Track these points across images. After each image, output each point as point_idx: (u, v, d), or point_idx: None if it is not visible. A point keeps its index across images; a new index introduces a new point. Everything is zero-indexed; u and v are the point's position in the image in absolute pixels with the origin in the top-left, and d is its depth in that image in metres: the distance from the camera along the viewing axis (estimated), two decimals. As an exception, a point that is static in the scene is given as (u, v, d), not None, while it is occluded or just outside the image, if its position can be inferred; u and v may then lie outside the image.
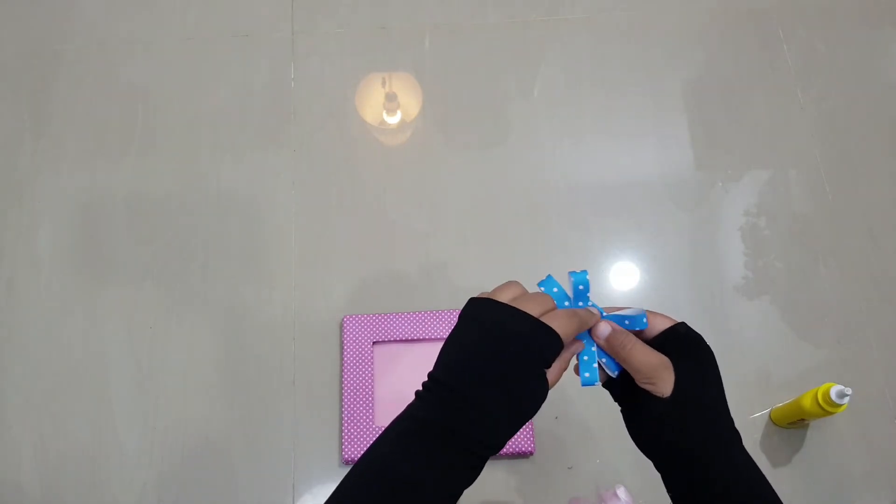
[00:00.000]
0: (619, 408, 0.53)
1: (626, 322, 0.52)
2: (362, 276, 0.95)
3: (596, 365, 0.52)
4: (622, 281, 0.95)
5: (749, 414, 0.87)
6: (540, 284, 0.52)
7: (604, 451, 0.85)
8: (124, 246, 0.97)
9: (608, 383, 0.54)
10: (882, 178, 1.00)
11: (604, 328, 0.51)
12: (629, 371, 0.50)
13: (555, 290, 0.52)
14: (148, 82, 1.07)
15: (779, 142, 1.02)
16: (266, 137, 1.03)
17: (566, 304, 0.52)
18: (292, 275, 0.95)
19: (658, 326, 0.52)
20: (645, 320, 0.52)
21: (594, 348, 0.52)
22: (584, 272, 0.52)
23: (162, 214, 0.98)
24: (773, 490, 0.48)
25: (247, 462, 0.86)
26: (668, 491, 0.51)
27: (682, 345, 0.51)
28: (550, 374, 0.48)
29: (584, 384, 0.52)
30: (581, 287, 0.52)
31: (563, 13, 1.10)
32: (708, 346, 0.51)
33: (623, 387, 0.52)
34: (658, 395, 0.48)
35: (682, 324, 0.52)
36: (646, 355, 0.49)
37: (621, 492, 0.77)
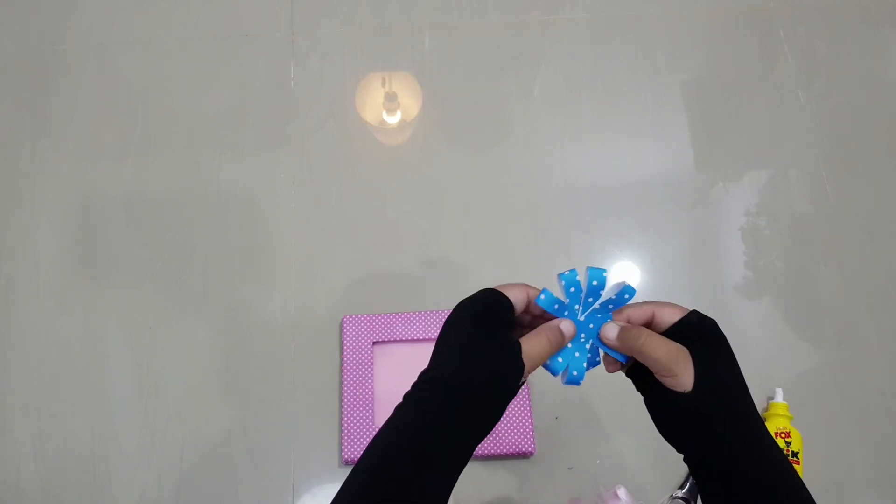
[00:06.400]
0: (642, 397, 0.52)
1: (611, 307, 0.51)
2: (362, 276, 0.95)
3: (585, 364, 0.51)
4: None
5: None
6: (564, 275, 0.51)
7: (604, 451, 0.85)
8: (124, 246, 0.97)
9: (630, 372, 0.53)
10: (883, 177, 1.00)
11: (611, 329, 0.49)
12: (647, 365, 0.48)
13: (572, 289, 0.51)
14: (147, 82, 1.07)
15: (779, 141, 1.02)
16: (266, 137, 1.03)
17: (577, 306, 0.51)
18: (292, 274, 0.95)
19: (668, 318, 0.50)
20: (627, 297, 0.51)
21: (577, 354, 0.51)
22: (573, 271, 0.51)
23: (161, 214, 0.98)
24: (801, 478, 0.47)
25: (246, 462, 0.86)
26: (697, 481, 0.49)
27: (696, 333, 0.49)
28: (535, 357, 0.49)
29: (552, 370, 0.51)
30: (573, 290, 0.51)
31: (564, 13, 1.10)
32: (721, 332, 0.50)
33: (645, 376, 0.50)
34: (679, 389, 0.47)
35: (694, 312, 0.50)
36: (661, 347, 0.47)
37: (621, 492, 0.77)
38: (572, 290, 0.51)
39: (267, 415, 0.88)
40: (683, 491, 0.81)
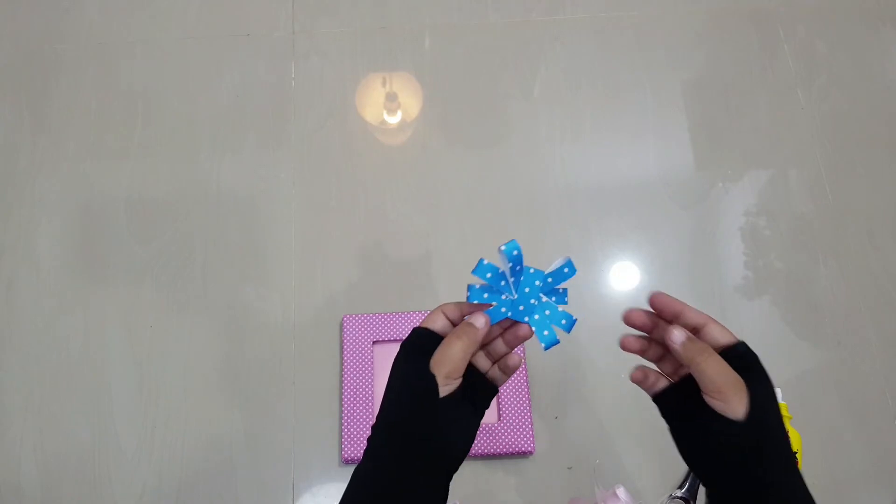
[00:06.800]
0: (668, 425, 0.50)
1: (517, 268, 0.51)
2: (362, 276, 0.95)
3: (560, 308, 0.51)
4: (622, 281, 0.95)
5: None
6: (473, 273, 0.52)
7: (604, 451, 0.85)
8: (124, 245, 0.97)
9: (659, 397, 0.51)
10: (882, 178, 1.00)
11: (678, 335, 0.48)
12: (700, 384, 0.47)
13: (488, 275, 0.51)
14: (148, 82, 1.07)
15: (779, 142, 1.02)
16: (266, 137, 1.03)
17: (502, 283, 0.51)
18: (292, 274, 0.95)
19: (718, 337, 0.49)
20: (566, 270, 0.51)
21: (547, 312, 0.51)
22: (513, 241, 0.51)
23: (162, 214, 0.98)
24: None
25: (247, 462, 0.86)
26: None
27: (748, 366, 0.47)
28: (444, 361, 0.48)
29: (546, 346, 0.51)
30: (515, 252, 0.51)
31: (564, 13, 1.11)
32: (764, 368, 0.48)
33: (679, 401, 0.49)
34: (730, 415, 0.45)
35: (743, 343, 0.49)
36: (724, 370, 0.46)
37: (621, 492, 0.77)
38: (489, 275, 0.51)
39: (267, 414, 0.88)
40: (683, 491, 0.81)
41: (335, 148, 1.02)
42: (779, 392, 0.86)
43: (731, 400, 0.45)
